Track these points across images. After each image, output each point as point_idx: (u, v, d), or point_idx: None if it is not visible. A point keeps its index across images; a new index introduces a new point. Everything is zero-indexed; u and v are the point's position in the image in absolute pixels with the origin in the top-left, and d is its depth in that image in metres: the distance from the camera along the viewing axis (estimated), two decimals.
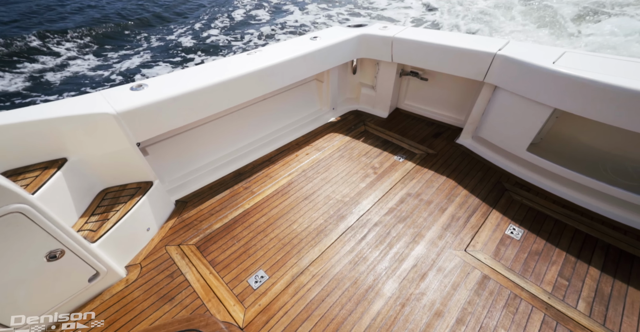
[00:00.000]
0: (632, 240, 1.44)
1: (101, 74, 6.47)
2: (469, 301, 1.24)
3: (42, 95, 5.68)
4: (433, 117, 2.43)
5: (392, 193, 1.76)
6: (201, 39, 8.17)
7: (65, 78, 6.29)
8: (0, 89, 5.73)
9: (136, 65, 6.86)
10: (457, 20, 8.21)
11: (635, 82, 1.29)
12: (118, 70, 6.58)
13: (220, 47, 7.70)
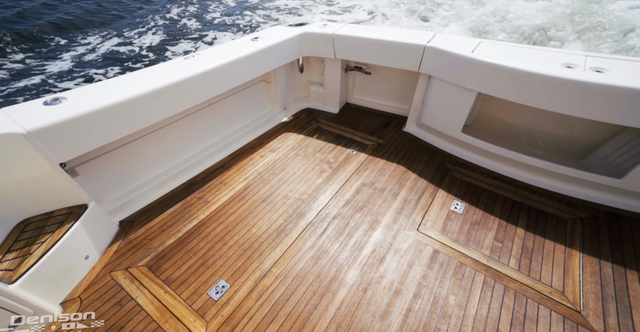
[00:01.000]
0: (545, 200, 1.67)
1: (3, 89, 5.49)
2: (423, 275, 1.34)
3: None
4: (381, 108, 2.56)
5: (348, 185, 1.82)
6: (130, 46, 7.37)
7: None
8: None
9: (51, 76, 5.89)
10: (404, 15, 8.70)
11: (536, 66, 1.49)
12: (28, 84, 5.62)
13: (152, 53, 7.05)
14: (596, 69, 1.47)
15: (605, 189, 1.61)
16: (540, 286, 1.27)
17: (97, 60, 6.63)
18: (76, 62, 6.58)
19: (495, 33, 6.92)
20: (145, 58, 6.84)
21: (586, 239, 1.45)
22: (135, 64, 6.58)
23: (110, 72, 6.21)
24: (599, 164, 1.67)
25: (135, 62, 6.63)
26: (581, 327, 1.13)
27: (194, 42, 7.69)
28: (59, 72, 6.10)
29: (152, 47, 7.29)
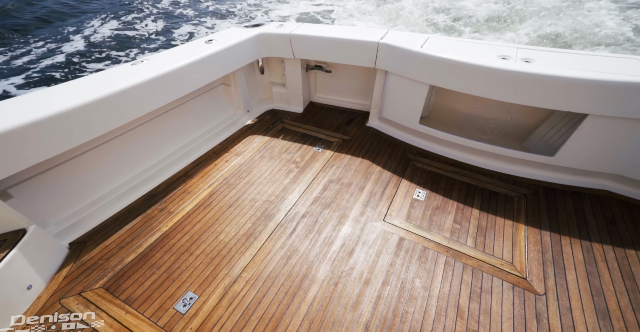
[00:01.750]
0: (496, 181, 1.83)
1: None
2: (390, 263, 1.40)
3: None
4: (344, 105, 2.62)
5: (316, 183, 1.85)
6: (67, 52, 6.60)
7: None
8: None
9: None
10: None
11: (475, 58, 1.62)
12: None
13: (93, 60, 6.35)
14: (525, 59, 1.63)
15: (543, 167, 1.80)
16: (494, 259, 1.40)
17: (29, 68, 5.94)
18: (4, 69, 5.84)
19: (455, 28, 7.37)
20: (87, 64, 6.26)
21: (529, 213, 1.61)
22: (76, 71, 5.98)
23: (47, 81, 5.61)
24: (537, 145, 1.86)
25: (77, 71, 6.03)
26: (527, 292, 1.25)
27: (146, 44, 7.19)
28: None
29: (87, 54, 6.64)
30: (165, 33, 7.94)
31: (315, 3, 9.90)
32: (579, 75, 1.42)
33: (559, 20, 6.83)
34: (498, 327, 1.15)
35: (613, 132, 1.52)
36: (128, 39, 7.54)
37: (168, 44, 7.33)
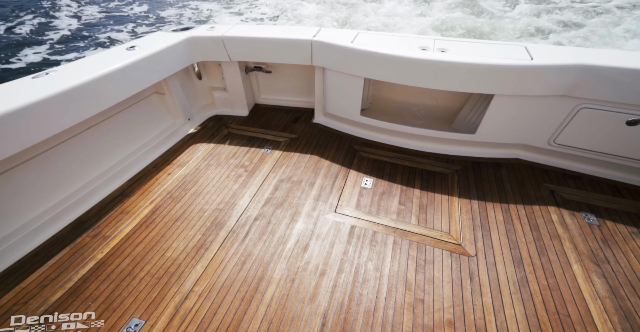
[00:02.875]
0: (432, 161, 2.01)
1: None
2: (344, 251, 1.46)
3: None
4: (289, 104, 2.63)
5: (266, 184, 1.84)
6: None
7: None
8: None
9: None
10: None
11: (400, 50, 1.75)
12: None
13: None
14: (442, 49, 1.81)
15: (468, 144, 2.02)
16: (434, 232, 1.54)
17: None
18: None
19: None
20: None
21: (461, 186, 1.80)
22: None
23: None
24: (462, 125, 2.08)
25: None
26: (462, 256, 1.41)
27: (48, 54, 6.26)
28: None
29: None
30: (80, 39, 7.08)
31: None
32: (483, 61, 1.62)
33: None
34: (440, 291, 1.27)
35: (515, 109, 1.76)
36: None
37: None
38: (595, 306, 1.19)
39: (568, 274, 1.31)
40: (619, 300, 1.20)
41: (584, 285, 1.26)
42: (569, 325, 1.14)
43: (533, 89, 1.66)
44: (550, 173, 1.87)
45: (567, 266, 1.34)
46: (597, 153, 1.75)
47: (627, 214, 1.57)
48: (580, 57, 1.57)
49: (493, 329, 1.14)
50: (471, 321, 1.17)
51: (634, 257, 1.36)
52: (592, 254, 1.38)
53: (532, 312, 1.19)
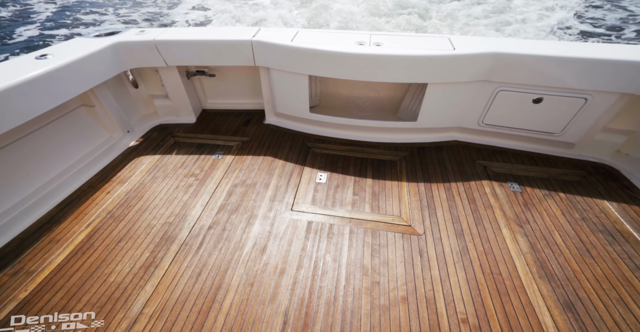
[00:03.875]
0: (382, 150, 2.12)
1: None
2: (302, 247, 1.48)
3: None
4: (239, 107, 2.57)
5: (219, 191, 1.78)
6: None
7: None
8: None
9: None
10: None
11: (338, 46, 1.80)
12: None
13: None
14: (377, 43, 1.90)
15: (412, 131, 2.16)
16: (387, 217, 1.62)
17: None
18: None
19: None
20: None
21: (408, 171, 1.93)
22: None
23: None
24: (405, 113, 2.22)
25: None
26: (412, 236, 1.51)
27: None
28: None
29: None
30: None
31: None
32: (413, 53, 1.74)
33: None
34: (394, 272, 1.36)
35: (447, 95, 1.93)
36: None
37: None
38: (520, 261, 1.36)
39: (499, 238, 1.47)
40: (536, 253, 1.39)
41: (511, 245, 1.43)
42: (500, 282, 1.28)
43: (459, 76, 1.82)
44: (482, 151, 2.07)
45: (498, 230, 1.51)
46: (515, 129, 1.98)
47: (541, 179, 1.81)
48: (493, 46, 1.76)
49: (441, 297, 1.25)
50: (422, 293, 1.26)
51: (547, 215, 1.58)
52: (517, 218, 1.57)
53: (472, 276, 1.32)
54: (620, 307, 1.17)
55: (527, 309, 1.19)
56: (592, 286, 1.25)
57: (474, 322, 1.16)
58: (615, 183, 1.76)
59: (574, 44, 1.77)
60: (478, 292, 1.26)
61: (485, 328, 1.14)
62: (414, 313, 1.20)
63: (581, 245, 1.42)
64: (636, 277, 1.27)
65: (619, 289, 1.23)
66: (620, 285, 1.25)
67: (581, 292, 1.23)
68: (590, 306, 1.18)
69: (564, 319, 1.15)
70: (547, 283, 1.27)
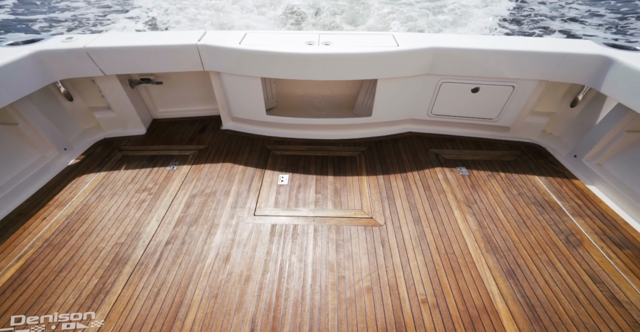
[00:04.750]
0: (341, 147, 2.17)
1: None
2: (267, 252, 1.46)
3: None
4: (193, 114, 2.47)
5: (176, 203, 1.69)
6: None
7: None
8: None
9: None
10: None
11: (288, 47, 1.80)
12: None
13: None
14: (326, 43, 1.93)
15: (369, 126, 2.24)
16: (349, 212, 1.67)
17: None
18: None
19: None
20: None
21: (368, 165, 2.00)
22: None
23: None
24: (361, 109, 2.29)
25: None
26: (374, 228, 1.57)
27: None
28: None
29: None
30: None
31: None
32: (361, 50, 1.79)
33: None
34: (358, 264, 1.40)
35: (397, 89, 2.02)
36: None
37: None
38: (470, 239, 1.48)
39: (452, 220, 1.59)
40: (483, 230, 1.52)
41: (462, 225, 1.55)
42: (454, 260, 1.39)
43: (405, 71, 1.92)
44: (434, 140, 2.22)
45: (451, 213, 1.63)
46: (460, 117, 2.15)
47: (485, 162, 1.98)
48: (433, 41, 1.88)
49: (402, 282, 1.31)
50: (385, 281, 1.32)
51: (490, 194, 1.74)
52: (466, 199, 1.71)
53: (430, 258, 1.40)
54: (549, 268, 1.33)
55: (477, 282, 1.30)
56: (528, 252, 1.40)
57: (432, 301, 1.24)
58: (542, 159, 1.99)
59: (502, 38, 1.96)
60: (435, 273, 1.34)
61: (442, 305, 1.22)
62: (379, 301, 1.25)
63: (519, 217, 1.58)
64: (560, 240, 1.45)
65: (548, 253, 1.40)
66: (548, 248, 1.41)
67: (519, 260, 1.37)
68: (527, 270, 1.32)
69: (506, 285, 1.27)
70: (492, 256, 1.40)
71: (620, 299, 1.21)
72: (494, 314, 1.18)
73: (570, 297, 1.22)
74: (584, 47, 1.79)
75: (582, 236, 1.47)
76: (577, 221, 1.55)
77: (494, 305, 1.21)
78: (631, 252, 1.38)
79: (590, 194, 1.70)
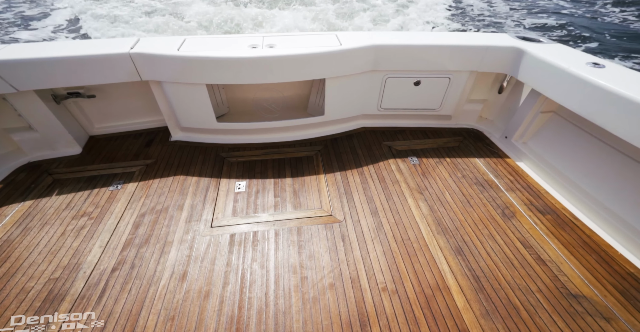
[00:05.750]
0: (298, 148, 2.17)
1: None
2: (227, 263, 1.41)
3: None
4: (137, 127, 2.29)
5: (122, 225, 1.56)
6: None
7: None
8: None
9: None
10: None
11: (231, 51, 1.75)
12: None
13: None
14: (270, 45, 1.91)
15: (323, 125, 2.27)
16: (309, 212, 1.67)
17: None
18: None
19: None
20: None
21: (325, 163, 2.02)
22: None
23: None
24: (314, 109, 2.32)
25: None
26: (334, 224, 1.59)
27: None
28: None
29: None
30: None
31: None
32: (306, 51, 1.81)
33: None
34: (321, 262, 1.41)
35: (345, 87, 2.08)
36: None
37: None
38: (423, 223, 1.58)
39: (406, 208, 1.68)
40: (434, 213, 1.63)
41: (416, 211, 1.65)
42: (409, 246, 1.47)
43: (350, 69, 1.98)
44: (386, 133, 2.32)
45: (405, 201, 1.72)
46: (407, 109, 2.28)
47: (433, 150, 2.13)
48: (374, 39, 1.96)
49: (363, 274, 1.35)
50: (347, 276, 1.35)
51: (439, 179, 1.87)
52: (418, 186, 1.82)
53: (387, 247, 1.47)
54: (489, 241, 1.47)
55: (430, 263, 1.38)
56: (472, 229, 1.54)
57: (391, 287, 1.30)
58: (481, 143, 2.19)
59: (437, 34, 2.12)
60: (393, 260, 1.41)
61: (400, 290, 1.28)
62: (342, 296, 1.27)
63: (463, 198, 1.72)
64: (498, 214, 1.61)
65: (489, 227, 1.54)
66: (489, 223, 1.56)
67: (465, 237, 1.49)
68: (472, 246, 1.45)
69: (456, 262, 1.38)
70: (442, 237, 1.50)
71: (544, 259, 1.37)
72: (446, 290, 1.27)
73: (506, 263, 1.36)
74: (502, 40, 2.00)
75: (515, 208, 1.65)
76: (510, 195, 1.73)
77: (446, 282, 1.30)
78: (551, 217, 1.59)
79: (519, 170, 1.92)
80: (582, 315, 1.17)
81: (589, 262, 1.36)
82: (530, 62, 1.83)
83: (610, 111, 1.37)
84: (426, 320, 1.18)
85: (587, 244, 1.44)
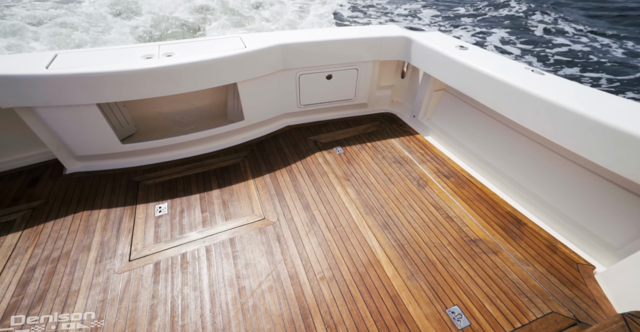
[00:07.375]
0: (223, 157, 2.06)
1: None
2: (152, 295, 1.26)
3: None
4: (12, 166, 1.89)
5: (2, 288, 1.27)
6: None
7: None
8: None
9: None
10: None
11: (125, 64, 1.57)
12: None
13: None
14: (168, 54, 1.76)
15: (245, 130, 2.22)
16: (242, 220, 1.61)
17: None
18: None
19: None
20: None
21: (252, 168, 1.98)
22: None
23: None
24: (234, 114, 2.24)
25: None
26: (268, 227, 1.57)
27: None
28: None
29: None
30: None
31: None
32: (209, 57, 1.72)
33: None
34: (257, 268, 1.37)
35: (259, 89, 2.05)
36: None
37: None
38: (352, 208, 1.67)
39: (336, 196, 1.75)
40: (361, 196, 1.74)
41: (345, 197, 1.74)
42: (342, 231, 1.54)
43: (260, 70, 1.96)
44: (310, 128, 2.38)
45: (334, 190, 1.79)
46: (326, 103, 2.38)
47: (355, 137, 2.27)
48: (278, 39, 1.97)
49: (301, 269, 1.36)
50: (285, 274, 1.34)
51: (362, 164, 2.00)
52: (344, 174, 1.91)
53: (322, 238, 1.51)
54: (410, 211, 1.64)
55: (362, 243, 1.47)
56: (395, 204, 1.69)
57: (329, 274, 1.34)
58: (395, 124, 2.42)
59: (338, 29, 2.23)
60: (328, 249, 1.45)
61: (337, 275, 1.33)
62: (282, 296, 1.26)
63: (385, 177, 1.88)
64: (414, 186, 1.81)
65: (408, 198, 1.72)
66: (407, 195, 1.74)
67: (390, 212, 1.63)
68: (396, 219, 1.59)
69: (383, 236, 1.50)
70: (370, 216, 1.61)
71: (451, 215, 1.59)
72: (377, 264, 1.37)
73: (423, 227, 1.53)
74: (393, 31, 2.22)
75: (427, 178, 1.86)
76: (422, 167, 1.95)
77: (376, 256, 1.40)
78: (455, 180, 1.85)
79: (427, 144, 2.18)
80: (480, 254, 1.39)
81: (481, 210, 1.63)
82: (417, 48, 2.08)
83: (474, 85, 1.65)
84: (362, 296, 1.25)
85: (480, 196, 1.72)
